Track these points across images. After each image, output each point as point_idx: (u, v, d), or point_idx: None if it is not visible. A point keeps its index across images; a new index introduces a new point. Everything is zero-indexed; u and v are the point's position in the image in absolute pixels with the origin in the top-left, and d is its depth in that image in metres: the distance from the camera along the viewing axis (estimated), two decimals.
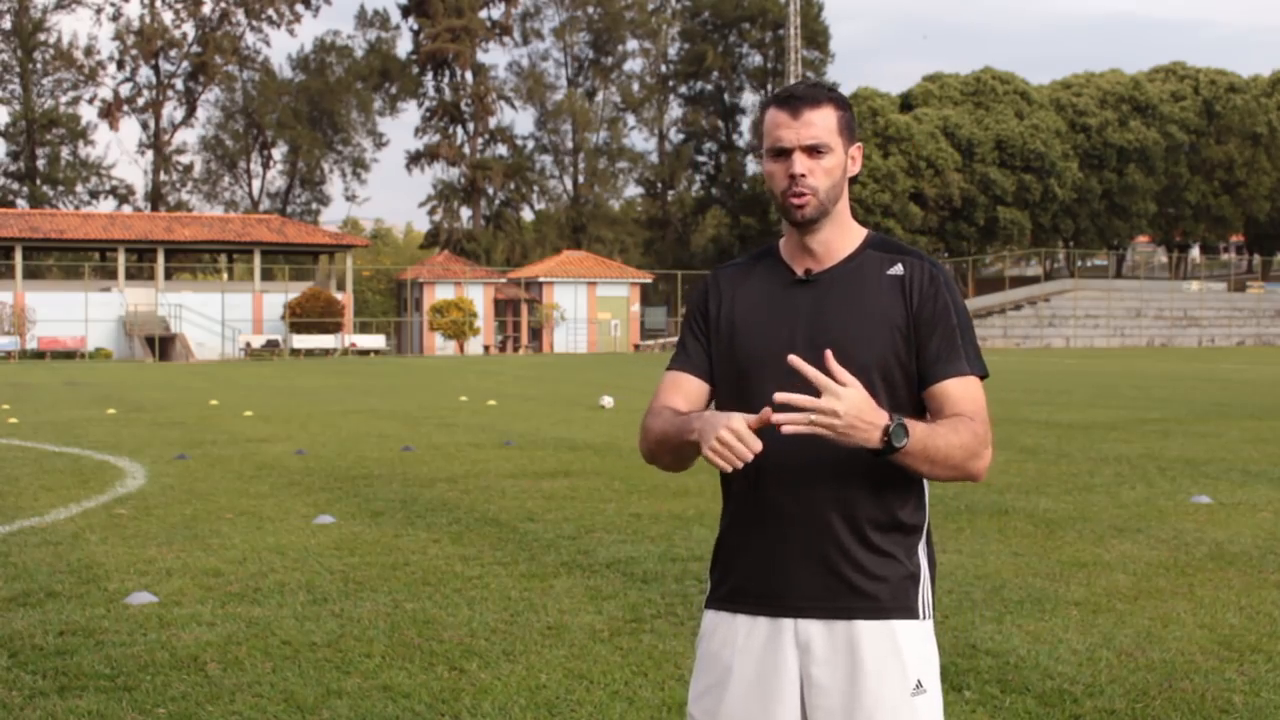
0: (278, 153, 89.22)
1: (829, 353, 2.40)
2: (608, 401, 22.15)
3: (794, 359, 2.41)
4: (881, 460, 2.44)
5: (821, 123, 2.57)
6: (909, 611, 2.58)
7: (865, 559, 2.56)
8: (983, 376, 2.62)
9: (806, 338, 2.57)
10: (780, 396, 2.37)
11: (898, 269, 2.62)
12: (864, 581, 2.56)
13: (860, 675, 2.53)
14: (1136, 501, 10.34)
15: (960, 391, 2.57)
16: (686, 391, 2.70)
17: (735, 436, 2.39)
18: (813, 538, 2.56)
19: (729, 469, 2.40)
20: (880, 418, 2.39)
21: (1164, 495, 10.68)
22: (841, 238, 2.66)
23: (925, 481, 2.65)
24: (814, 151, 2.57)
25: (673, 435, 2.57)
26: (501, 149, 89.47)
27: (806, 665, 2.56)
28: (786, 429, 2.36)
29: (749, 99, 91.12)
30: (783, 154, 2.59)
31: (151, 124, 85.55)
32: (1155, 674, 5.45)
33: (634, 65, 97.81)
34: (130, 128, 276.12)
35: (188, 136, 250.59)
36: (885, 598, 2.56)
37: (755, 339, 2.63)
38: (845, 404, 2.36)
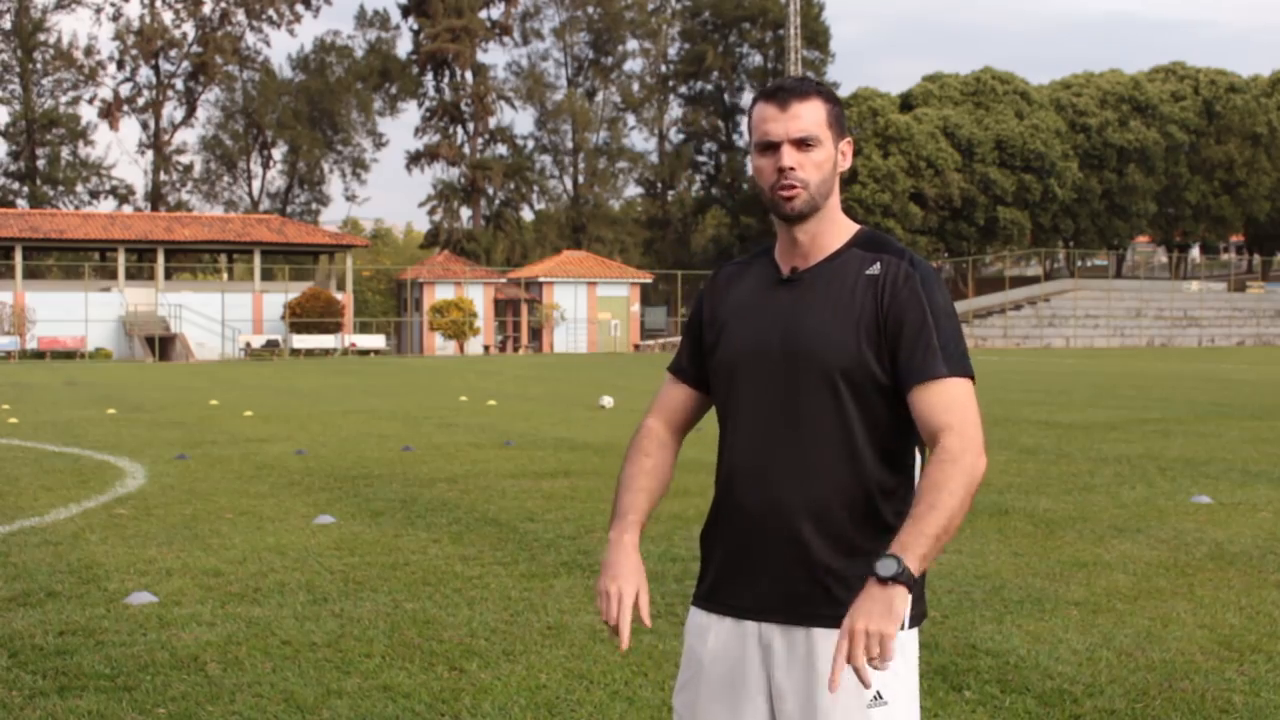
0: (278, 153, 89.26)
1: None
2: (607, 401, 22.16)
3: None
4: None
5: (810, 115, 2.52)
6: None
7: (838, 564, 2.49)
8: (965, 377, 2.47)
9: (780, 339, 2.55)
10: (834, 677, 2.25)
11: (875, 268, 2.54)
12: (834, 585, 2.48)
13: (816, 683, 2.47)
14: (1136, 501, 10.34)
15: (936, 398, 2.43)
16: (673, 408, 2.78)
17: (611, 600, 2.53)
18: (776, 543, 2.53)
19: (607, 621, 2.52)
20: (878, 588, 2.25)
21: (1164, 495, 10.68)
22: (829, 234, 2.60)
23: (914, 474, 2.58)
24: (803, 144, 2.52)
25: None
26: (501, 149, 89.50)
27: (770, 668, 2.54)
28: (864, 680, 2.24)
29: (749, 99, 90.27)
30: (771, 148, 2.53)
31: (151, 124, 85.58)
32: (1155, 674, 5.44)
33: (634, 65, 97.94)
34: (130, 128, 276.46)
35: (188, 136, 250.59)
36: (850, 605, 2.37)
37: (737, 340, 2.62)
38: (857, 622, 2.23)
